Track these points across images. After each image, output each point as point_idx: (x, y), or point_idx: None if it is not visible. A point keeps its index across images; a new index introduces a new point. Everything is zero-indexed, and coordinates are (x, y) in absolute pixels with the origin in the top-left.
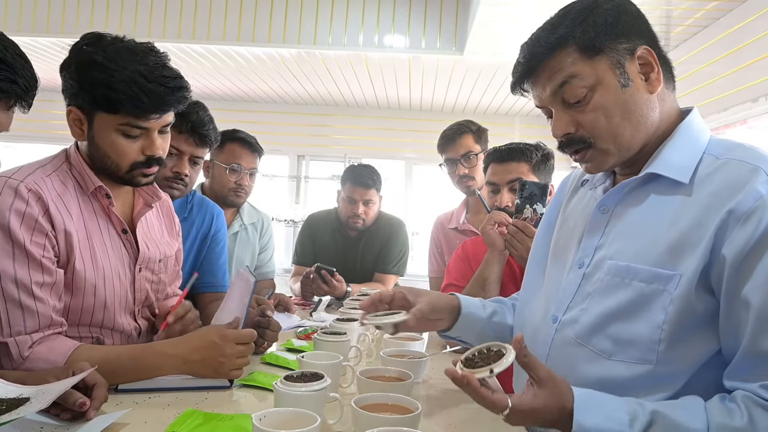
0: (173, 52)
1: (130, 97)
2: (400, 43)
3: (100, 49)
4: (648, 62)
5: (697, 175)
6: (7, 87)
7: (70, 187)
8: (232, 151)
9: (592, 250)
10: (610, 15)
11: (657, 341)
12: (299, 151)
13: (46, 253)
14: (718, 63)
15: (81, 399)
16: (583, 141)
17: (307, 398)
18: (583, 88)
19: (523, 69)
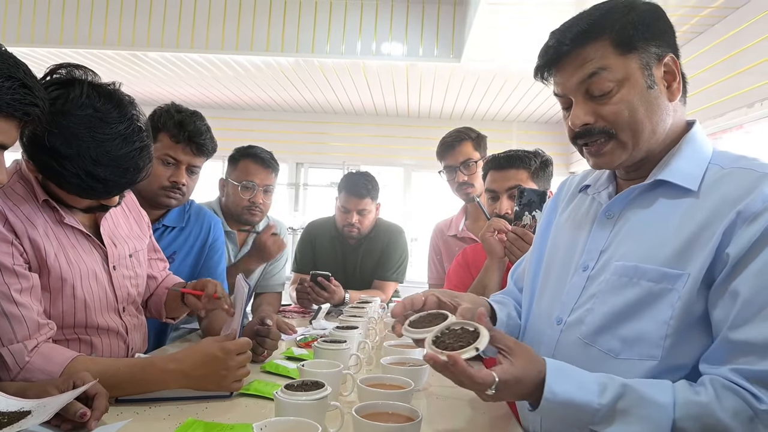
0: (172, 62)
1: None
2: (398, 51)
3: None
4: (672, 71)
5: (704, 183)
6: (30, 110)
7: (23, 195)
8: (245, 167)
9: (597, 253)
10: (648, 16)
11: (663, 336)
12: (298, 159)
13: (16, 260)
14: (713, 69)
15: (82, 410)
16: (604, 132)
17: (308, 407)
18: (612, 82)
19: (553, 54)
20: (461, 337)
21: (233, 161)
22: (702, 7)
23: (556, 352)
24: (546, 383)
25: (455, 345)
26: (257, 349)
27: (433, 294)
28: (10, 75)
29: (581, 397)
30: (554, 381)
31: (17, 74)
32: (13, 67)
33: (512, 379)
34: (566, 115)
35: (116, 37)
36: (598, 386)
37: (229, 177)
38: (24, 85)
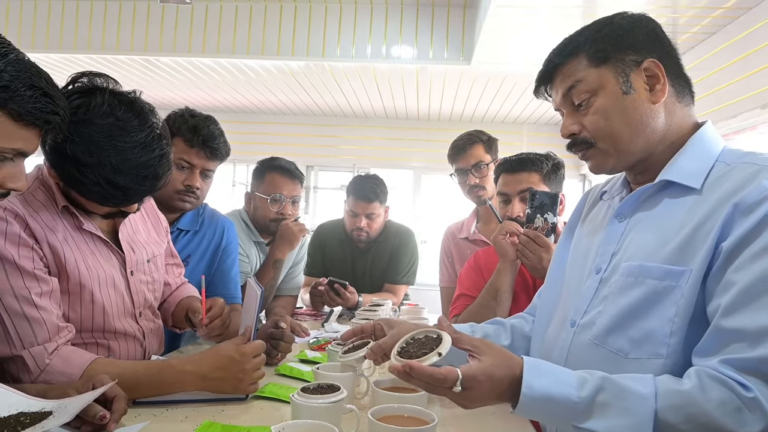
0: (184, 66)
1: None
2: (408, 54)
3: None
4: (654, 74)
5: (708, 180)
6: (51, 118)
7: (43, 202)
8: (272, 181)
9: (609, 255)
10: (622, 29)
11: (668, 334)
12: (308, 162)
13: (36, 264)
14: (725, 70)
15: (101, 412)
16: (585, 142)
17: (324, 410)
18: (587, 92)
19: (540, 74)
20: (425, 345)
21: (259, 174)
22: (714, 7)
23: (569, 354)
24: (523, 379)
25: (418, 353)
26: (271, 352)
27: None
28: (32, 84)
29: (559, 391)
30: (531, 376)
31: (39, 83)
32: (35, 76)
33: (480, 374)
34: None
35: (129, 43)
36: (577, 380)
37: (255, 190)
38: (45, 93)
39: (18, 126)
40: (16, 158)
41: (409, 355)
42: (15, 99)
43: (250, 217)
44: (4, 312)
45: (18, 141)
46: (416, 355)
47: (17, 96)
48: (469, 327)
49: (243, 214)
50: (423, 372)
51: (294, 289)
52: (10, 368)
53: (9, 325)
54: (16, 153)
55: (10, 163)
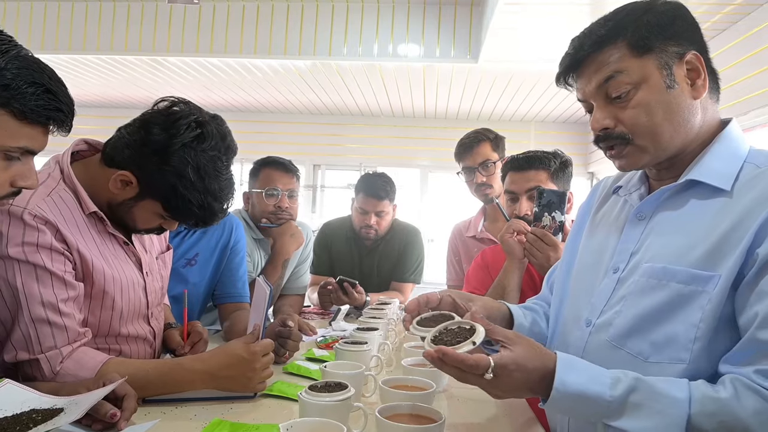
0: (191, 66)
1: (192, 216)
2: (415, 53)
3: (201, 155)
4: (695, 68)
5: (738, 182)
6: (54, 115)
7: (70, 205)
8: (266, 176)
9: (628, 255)
10: (665, 17)
11: (692, 339)
12: (315, 161)
13: (67, 268)
14: (736, 66)
15: (112, 410)
16: (621, 137)
17: (332, 408)
18: (628, 84)
19: (571, 60)
20: (458, 335)
21: (254, 173)
22: (724, 3)
23: (584, 354)
24: (556, 374)
25: (452, 342)
26: (279, 350)
27: (449, 294)
28: (33, 81)
29: (592, 388)
30: (564, 372)
31: (41, 80)
32: (36, 73)
33: (512, 363)
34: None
35: (137, 43)
36: (611, 379)
37: (252, 188)
38: (48, 90)
39: (22, 124)
40: (23, 156)
41: (443, 343)
42: (17, 97)
43: (250, 215)
44: (29, 319)
45: (23, 139)
46: (450, 343)
47: (19, 94)
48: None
49: (243, 213)
50: (456, 358)
51: (301, 288)
52: (24, 368)
53: (32, 330)
54: (23, 151)
55: (18, 162)
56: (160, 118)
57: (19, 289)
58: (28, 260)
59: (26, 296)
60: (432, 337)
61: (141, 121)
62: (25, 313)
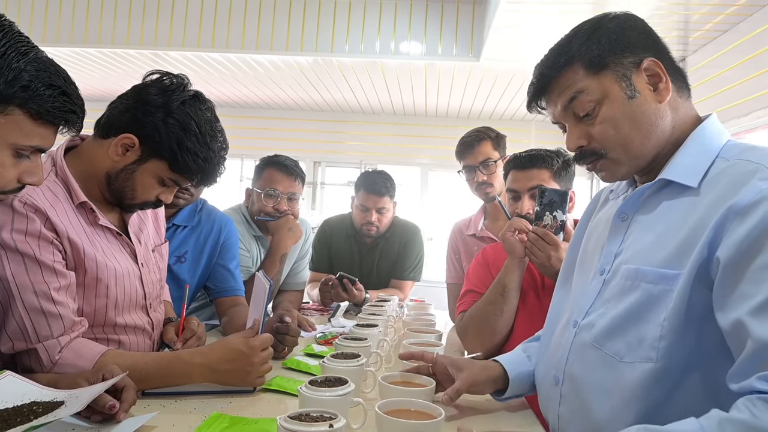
0: (192, 61)
1: (198, 171)
2: (417, 50)
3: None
4: (655, 73)
5: (707, 178)
6: (68, 117)
7: (60, 196)
8: (269, 176)
9: (612, 257)
10: (614, 32)
11: (658, 338)
12: (315, 158)
13: (56, 257)
14: (737, 68)
15: (111, 402)
16: (595, 153)
17: (332, 403)
18: (591, 102)
19: (535, 88)
20: None
21: (258, 170)
22: (727, 5)
23: (570, 354)
24: None
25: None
26: (278, 346)
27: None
28: (51, 83)
29: None
30: None
31: (58, 82)
32: (54, 75)
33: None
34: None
35: (138, 37)
36: None
37: (254, 186)
38: (64, 92)
39: (36, 124)
40: (33, 154)
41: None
42: (34, 98)
43: (250, 212)
44: (23, 309)
45: (36, 138)
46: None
47: (36, 95)
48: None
49: (243, 209)
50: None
51: (300, 284)
52: (23, 359)
53: (27, 320)
54: (33, 150)
55: (27, 160)
56: (154, 84)
57: (10, 279)
58: (17, 249)
59: (17, 286)
60: None
61: (135, 90)
62: (18, 303)
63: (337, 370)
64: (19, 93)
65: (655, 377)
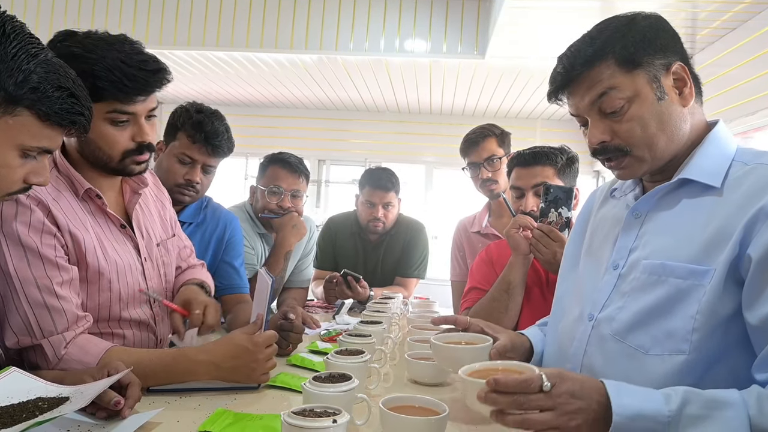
0: (198, 60)
1: (114, 83)
2: (422, 48)
3: (77, 42)
4: (681, 77)
5: (728, 179)
6: (76, 119)
7: (63, 190)
8: (272, 173)
9: (627, 252)
10: (649, 31)
11: (690, 331)
12: (320, 156)
13: (59, 252)
14: (745, 66)
15: (116, 398)
16: (619, 150)
17: (336, 399)
18: (621, 99)
19: (562, 79)
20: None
21: (262, 168)
22: (734, 2)
23: (588, 346)
24: (611, 398)
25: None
26: (282, 343)
27: (478, 323)
28: (60, 85)
29: (649, 407)
30: (618, 395)
31: (66, 84)
32: (63, 77)
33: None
34: (584, 131)
35: (144, 36)
36: (663, 396)
37: (258, 183)
38: (72, 95)
39: (44, 126)
40: (39, 155)
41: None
42: (43, 100)
43: (254, 209)
44: (26, 303)
45: (43, 140)
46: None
47: (45, 97)
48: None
49: (248, 207)
50: (509, 381)
51: (304, 281)
52: (29, 355)
53: (30, 315)
54: (40, 151)
55: (34, 160)
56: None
57: (12, 273)
58: (21, 242)
59: (21, 280)
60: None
61: None
62: (21, 297)
63: (342, 366)
64: (29, 95)
65: (685, 369)
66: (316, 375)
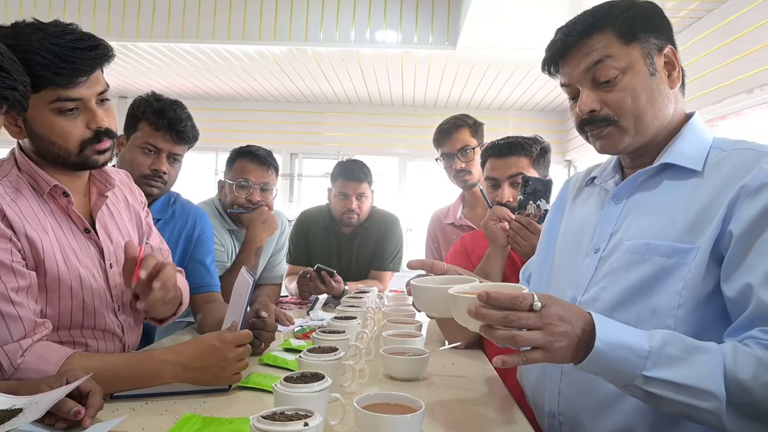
0: (162, 52)
1: (47, 66)
2: (392, 39)
3: (3, 35)
4: (671, 61)
5: (708, 164)
6: (9, 94)
7: (24, 191)
8: (240, 167)
9: (608, 236)
10: (649, 11)
11: (676, 306)
12: (292, 149)
13: (15, 257)
14: (712, 54)
15: (76, 408)
16: (606, 119)
17: (309, 399)
18: (616, 69)
19: (561, 45)
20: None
21: (230, 162)
22: None
23: None
24: (596, 326)
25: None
26: (254, 342)
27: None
28: None
29: (633, 340)
30: (603, 324)
31: None
32: None
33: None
34: (572, 105)
35: (105, 28)
36: (645, 333)
37: (226, 177)
38: (1, 67)
39: None
40: None
41: None
42: None
43: (224, 204)
44: None
45: None
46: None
47: None
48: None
49: (216, 203)
50: (500, 296)
51: (277, 278)
52: None
53: None
54: None
55: None
56: None
57: None
58: None
59: None
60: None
61: None
62: None
63: (314, 365)
64: None
65: None
66: (287, 375)
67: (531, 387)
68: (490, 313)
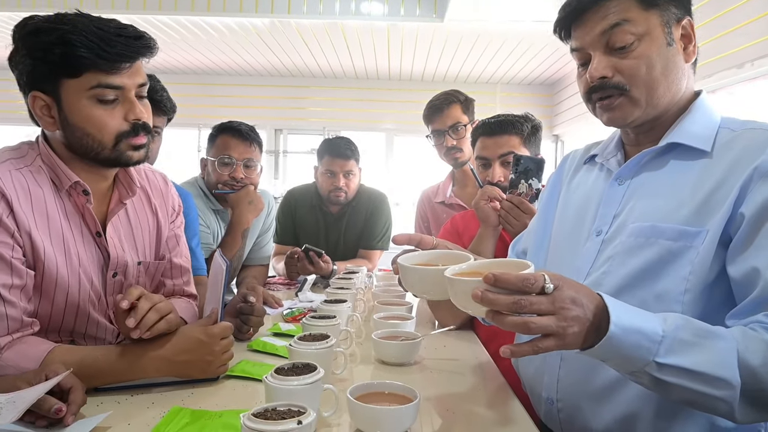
0: (139, 24)
1: (91, 48)
2: (378, 11)
3: (44, 19)
4: (688, 34)
5: (716, 144)
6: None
7: (43, 184)
8: (222, 143)
9: (610, 218)
10: None
11: (683, 292)
12: (276, 125)
13: (15, 253)
14: (702, 29)
15: (57, 405)
16: (617, 87)
17: (301, 392)
18: (632, 35)
19: (577, 4)
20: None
21: (211, 138)
22: None
23: None
24: (609, 308)
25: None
26: (242, 327)
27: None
28: None
29: (647, 324)
30: (615, 307)
31: None
32: None
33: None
34: (581, 72)
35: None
36: (659, 316)
37: (208, 155)
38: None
39: None
40: None
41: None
42: None
43: (207, 183)
44: None
45: None
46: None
47: None
48: None
49: (200, 182)
50: (509, 278)
51: (264, 258)
52: None
53: None
54: None
55: None
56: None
57: None
58: None
59: None
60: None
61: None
62: None
63: (305, 353)
64: None
65: None
66: (278, 367)
67: (528, 373)
68: (499, 298)
